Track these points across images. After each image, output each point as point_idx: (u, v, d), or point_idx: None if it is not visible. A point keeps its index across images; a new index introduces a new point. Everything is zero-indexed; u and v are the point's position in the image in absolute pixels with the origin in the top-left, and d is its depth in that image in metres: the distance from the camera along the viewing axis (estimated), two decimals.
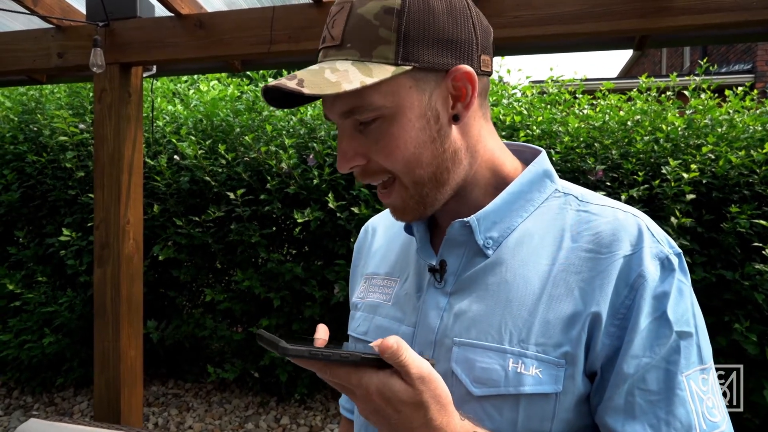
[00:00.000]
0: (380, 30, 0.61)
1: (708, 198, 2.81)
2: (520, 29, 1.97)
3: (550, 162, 0.75)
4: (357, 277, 0.89)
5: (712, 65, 4.28)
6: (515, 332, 0.63)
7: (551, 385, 0.61)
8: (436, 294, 0.70)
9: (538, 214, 0.69)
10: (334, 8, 0.65)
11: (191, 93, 3.88)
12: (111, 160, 2.44)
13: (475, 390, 0.63)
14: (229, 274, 3.67)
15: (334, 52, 0.63)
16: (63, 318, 3.35)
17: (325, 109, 0.67)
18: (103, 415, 2.44)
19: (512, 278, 0.65)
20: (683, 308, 0.62)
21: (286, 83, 0.59)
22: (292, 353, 0.52)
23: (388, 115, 0.63)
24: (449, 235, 0.69)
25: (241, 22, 2.27)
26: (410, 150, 0.64)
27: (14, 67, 2.58)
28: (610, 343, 0.61)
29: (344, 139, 0.66)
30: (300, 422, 3.28)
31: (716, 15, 1.84)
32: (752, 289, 2.57)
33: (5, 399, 3.57)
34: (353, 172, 0.68)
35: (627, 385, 0.60)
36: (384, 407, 0.55)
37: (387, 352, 0.53)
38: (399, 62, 0.61)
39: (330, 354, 0.53)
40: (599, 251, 0.63)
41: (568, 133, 3.12)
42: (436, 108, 0.65)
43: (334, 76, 0.60)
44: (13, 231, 3.70)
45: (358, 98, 0.62)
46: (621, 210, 0.67)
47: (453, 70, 0.64)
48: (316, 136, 3.37)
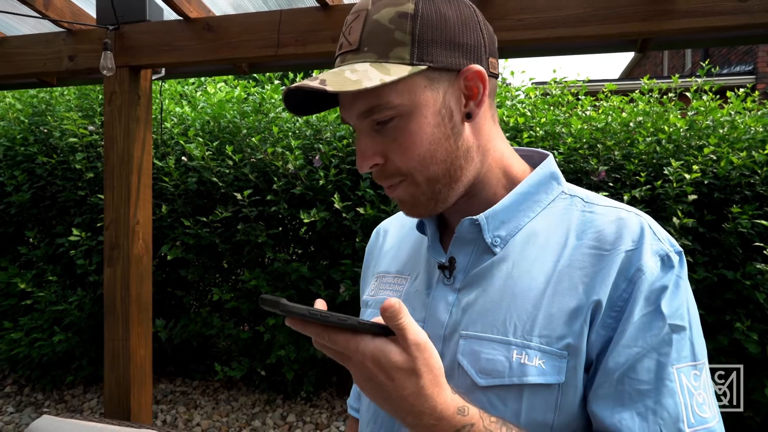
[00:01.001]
0: (396, 33, 0.64)
1: (710, 198, 2.83)
2: (524, 32, 2.00)
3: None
4: (368, 277, 0.91)
5: (714, 67, 4.29)
6: (519, 325, 0.65)
7: (554, 376, 0.62)
8: (445, 290, 0.72)
9: (545, 214, 0.72)
10: (350, 17, 0.68)
11: (198, 95, 3.92)
12: (121, 161, 2.47)
13: (480, 380, 0.65)
14: (236, 273, 3.71)
15: (352, 56, 0.66)
16: (73, 317, 3.40)
17: (343, 112, 0.70)
18: (113, 412, 2.48)
19: (518, 274, 0.68)
20: (678, 303, 0.63)
21: (308, 83, 0.62)
22: (292, 310, 0.53)
23: (405, 114, 0.65)
24: (458, 232, 0.72)
25: (248, 25, 2.30)
26: (426, 146, 0.66)
27: (25, 70, 2.61)
28: (605, 334, 0.63)
29: (362, 139, 0.69)
30: (306, 420, 3.31)
31: (718, 18, 1.86)
32: (753, 288, 2.60)
33: (16, 396, 3.62)
34: (371, 172, 0.71)
35: (617, 374, 0.61)
36: (377, 374, 0.56)
37: (388, 311, 0.55)
38: (414, 62, 0.64)
39: (328, 315, 0.54)
40: (603, 248, 0.65)
41: (571, 135, 3.15)
42: (450, 106, 0.67)
43: (354, 75, 0.62)
44: (23, 231, 3.75)
45: (376, 97, 0.64)
46: (624, 210, 0.69)
47: (465, 69, 0.67)
48: (321, 138, 3.41)
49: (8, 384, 3.78)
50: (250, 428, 3.24)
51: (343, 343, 0.56)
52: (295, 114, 0.72)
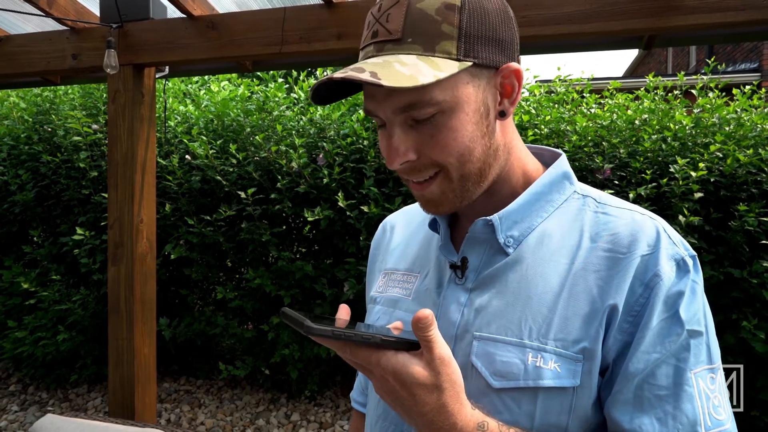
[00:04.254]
0: (443, 25, 0.61)
1: (716, 196, 2.82)
2: (529, 29, 1.98)
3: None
4: (375, 273, 0.91)
5: (720, 64, 4.27)
6: (535, 328, 0.64)
7: (569, 379, 0.62)
8: (456, 290, 0.71)
9: (558, 214, 0.71)
10: (386, 2, 0.64)
11: (202, 93, 3.91)
12: (124, 160, 2.47)
13: (494, 383, 0.64)
14: (240, 272, 3.71)
15: (393, 47, 0.62)
16: (76, 315, 3.40)
17: (372, 105, 0.66)
18: (117, 411, 2.47)
19: (532, 276, 0.67)
20: (695, 308, 0.63)
21: (358, 75, 0.58)
22: (317, 332, 0.54)
23: (447, 110, 0.63)
24: (471, 232, 0.71)
25: (252, 23, 2.29)
26: (465, 144, 0.64)
27: (29, 69, 2.61)
28: (622, 339, 0.63)
29: (395, 135, 0.65)
30: (310, 419, 3.31)
31: (725, 14, 1.84)
32: (760, 287, 2.58)
33: (21, 395, 3.62)
34: (400, 168, 0.67)
35: (636, 380, 0.61)
36: (398, 389, 0.57)
37: (422, 322, 0.55)
38: (461, 58, 0.62)
39: (352, 335, 0.55)
40: (618, 251, 0.65)
41: (575, 132, 3.13)
42: (488, 104, 0.66)
43: (406, 69, 0.59)
44: (28, 230, 3.75)
45: (419, 93, 0.61)
46: (638, 212, 0.68)
47: (504, 67, 0.65)
48: (325, 136, 3.40)
49: (12, 383, 3.79)
50: (254, 427, 3.24)
51: (365, 357, 0.57)
52: (316, 103, 0.68)
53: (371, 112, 0.66)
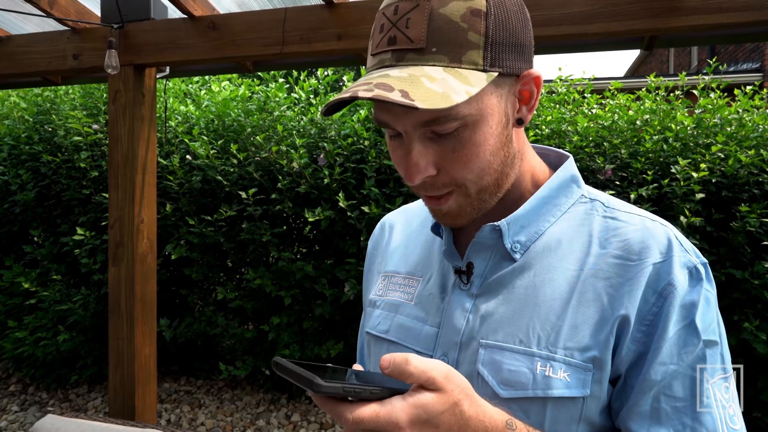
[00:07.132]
0: (470, 34, 0.57)
1: (717, 197, 2.81)
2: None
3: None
4: (373, 274, 0.87)
5: (721, 64, 4.26)
6: (543, 336, 0.63)
7: (579, 389, 0.61)
8: (461, 295, 0.69)
9: (565, 219, 0.69)
10: (403, 5, 0.58)
11: (203, 93, 3.91)
12: (125, 160, 2.47)
13: (502, 392, 0.63)
14: (240, 272, 3.71)
15: (415, 57, 0.57)
16: (77, 316, 3.40)
17: (388, 117, 0.61)
18: (118, 411, 2.47)
19: (540, 282, 0.65)
20: (710, 318, 0.62)
21: (388, 95, 0.52)
22: (325, 391, 0.48)
23: (471, 123, 0.59)
24: (478, 238, 0.69)
25: (253, 23, 2.29)
26: (486, 158, 0.61)
27: (30, 69, 2.61)
28: (636, 349, 0.61)
29: (415, 150, 0.61)
30: (311, 419, 3.31)
31: (727, 15, 1.84)
32: (762, 288, 2.58)
33: (21, 395, 3.62)
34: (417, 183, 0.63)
35: (653, 392, 0.60)
36: (423, 429, 0.51)
37: (390, 366, 0.50)
38: (487, 68, 0.58)
39: (361, 391, 0.49)
40: (629, 258, 0.63)
41: (577, 133, 3.13)
42: (508, 113, 0.63)
43: (436, 86, 0.54)
44: (28, 230, 3.75)
45: (445, 108, 0.56)
46: (649, 218, 0.67)
47: (525, 74, 0.62)
48: (326, 136, 3.40)
49: (13, 383, 3.79)
50: (254, 427, 3.24)
51: (374, 419, 0.49)
52: (326, 115, 0.62)
53: (386, 123, 0.61)
